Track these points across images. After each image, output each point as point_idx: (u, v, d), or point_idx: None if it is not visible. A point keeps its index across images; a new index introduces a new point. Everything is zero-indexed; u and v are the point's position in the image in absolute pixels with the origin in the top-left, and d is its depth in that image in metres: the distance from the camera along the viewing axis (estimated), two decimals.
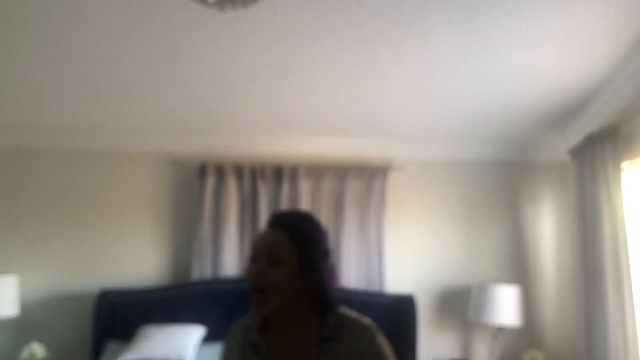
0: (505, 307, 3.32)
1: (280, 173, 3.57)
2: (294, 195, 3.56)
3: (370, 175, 3.62)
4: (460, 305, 3.64)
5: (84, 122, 3.53)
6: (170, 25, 2.59)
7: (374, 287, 3.53)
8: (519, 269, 3.72)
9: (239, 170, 3.56)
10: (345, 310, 1.35)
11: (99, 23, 2.56)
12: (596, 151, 3.04)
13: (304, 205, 3.55)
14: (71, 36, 2.66)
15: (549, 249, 3.75)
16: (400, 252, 3.68)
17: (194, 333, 3.14)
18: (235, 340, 1.41)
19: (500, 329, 3.42)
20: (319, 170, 3.61)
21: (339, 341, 1.29)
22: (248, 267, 1.32)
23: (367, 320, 1.33)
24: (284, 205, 3.54)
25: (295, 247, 1.29)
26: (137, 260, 3.57)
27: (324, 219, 3.58)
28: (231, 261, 3.48)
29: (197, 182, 3.58)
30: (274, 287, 1.27)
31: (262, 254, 1.29)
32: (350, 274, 3.53)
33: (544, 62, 2.89)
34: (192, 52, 2.81)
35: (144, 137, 3.64)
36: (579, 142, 3.25)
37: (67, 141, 3.60)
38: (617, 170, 2.89)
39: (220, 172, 3.54)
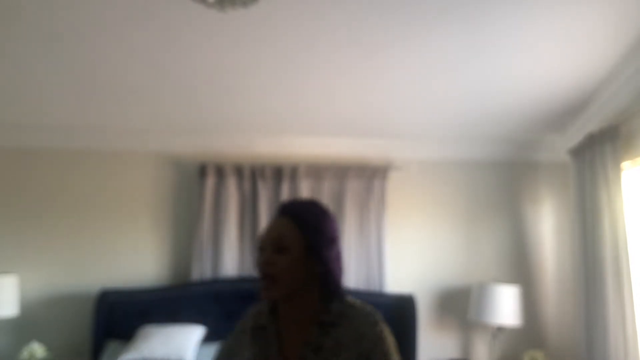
0: (505, 307, 3.32)
1: (280, 173, 3.57)
2: (294, 195, 3.56)
3: (370, 175, 3.62)
4: (460, 305, 3.64)
5: (84, 122, 3.53)
6: (170, 25, 2.59)
7: (374, 287, 3.53)
8: (519, 269, 3.72)
9: (239, 170, 3.56)
10: (351, 299, 1.38)
11: (98, 23, 2.56)
12: (596, 151, 3.04)
13: None
14: (71, 36, 2.66)
15: (549, 249, 3.75)
16: (400, 252, 3.68)
17: (194, 333, 3.14)
18: (248, 323, 1.47)
19: (500, 329, 3.43)
20: (319, 170, 3.61)
21: (341, 326, 1.32)
22: (257, 257, 1.36)
23: (370, 308, 1.36)
24: None
25: (301, 234, 1.32)
26: (137, 260, 3.57)
27: None
28: (231, 261, 3.48)
29: (197, 182, 3.58)
30: (279, 273, 1.31)
31: (269, 243, 1.33)
32: (350, 274, 3.52)
33: (544, 62, 2.89)
34: (192, 52, 2.81)
35: (144, 137, 3.64)
36: (579, 142, 3.25)
37: (67, 141, 3.60)
38: (617, 170, 2.89)
39: (220, 172, 3.54)
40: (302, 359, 1.32)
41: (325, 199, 3.59)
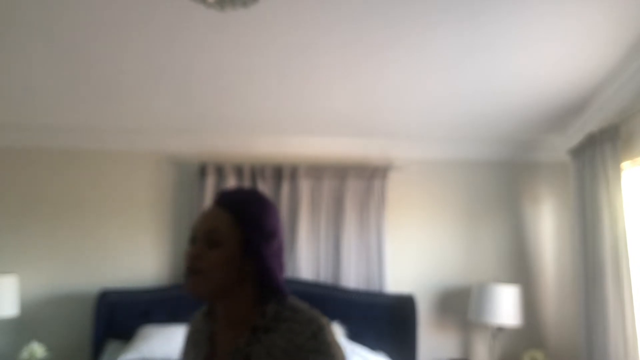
0: (505, 307, 3.32)
1: (280, 173, 3.57)
2: (294, 195, 3.56)
3: (370, 175, 3.62)
4: (460, 305, 3.64)
5: (84, 122, 3.53)
6: (170, 25, 2.59)
7: (374, 287, 3.53)
8: (519, 269, 3.72)
9: (239, 170, 3.56)
10: (295, 301, 1.23)
11: (98, 23, 2.56)
12: (596, 151, 3.04)
13: (304, 205, 3.55)
14: (71, 36, 2.66)
15: (549, 249, 3.75)
16: (400, 252, 3.68)
17: None
18: (191, 327, 1.38)
19: (500, 329, 3.43)
20: (319, 170, 3.61)
21: (276, 333, 1.17)
22: (187, 248, 1.23)
23: (315, 314, 1.20)
24: (285, 205, 3.54)
25: (237, 228, 1.20)
26: (137, 260, 3.57)
27: (324, 219, 3.58)
28: None
29: (197, 182, 3.58)
30: (208, 269, 1.18)
31: (201, 235, 1.21)
32: (350, 274, 3.53)
33: (544, 62, 2.89)
34: (192, 51, 2.81)
35: (144, 137, 3.64)
36: (579, 142, 3.25)
37: (67, 141, 3.60)
38: (617, 170, 2.89)
39: (220, 172, 3.54)
40: None
41: (325, 199, 3.60)
